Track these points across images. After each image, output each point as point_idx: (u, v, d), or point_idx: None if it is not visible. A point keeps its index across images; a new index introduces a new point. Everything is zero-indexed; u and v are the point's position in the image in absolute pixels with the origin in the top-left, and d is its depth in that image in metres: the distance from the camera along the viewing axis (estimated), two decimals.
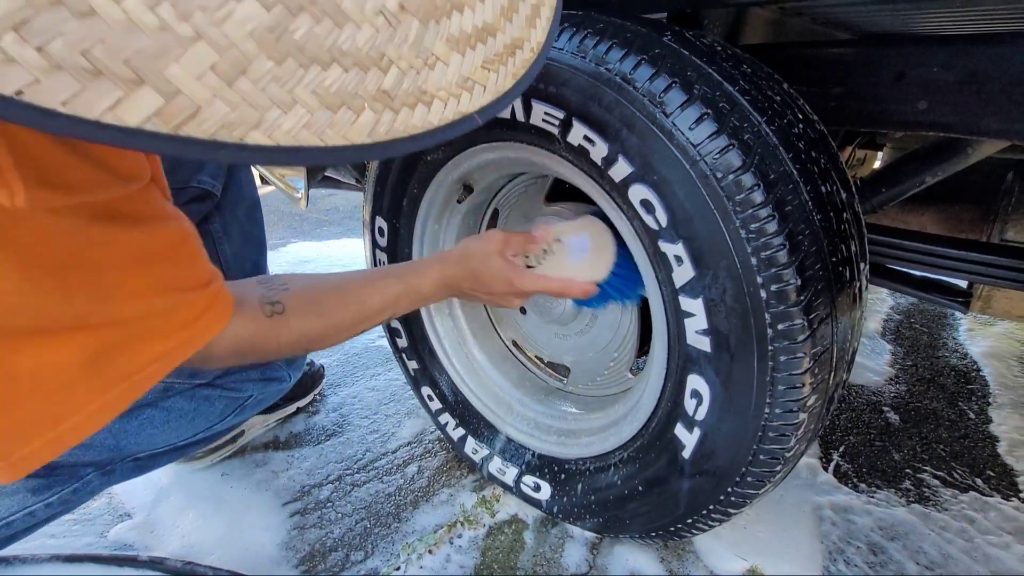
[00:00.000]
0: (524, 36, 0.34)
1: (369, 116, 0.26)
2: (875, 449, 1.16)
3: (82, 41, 0.19)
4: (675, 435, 0.71)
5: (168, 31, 0.20)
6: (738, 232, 0.56)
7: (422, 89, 0.28)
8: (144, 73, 0.20)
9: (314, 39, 0.24)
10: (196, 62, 0.21)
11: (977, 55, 0.75)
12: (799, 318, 0.56)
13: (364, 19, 0.25)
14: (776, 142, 0.57)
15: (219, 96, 0.22)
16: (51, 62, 0.19)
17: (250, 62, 0.22)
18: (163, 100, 0.21)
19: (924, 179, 0.99)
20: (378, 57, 0.26)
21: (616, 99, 0.60)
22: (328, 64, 0.24)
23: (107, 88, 0.20)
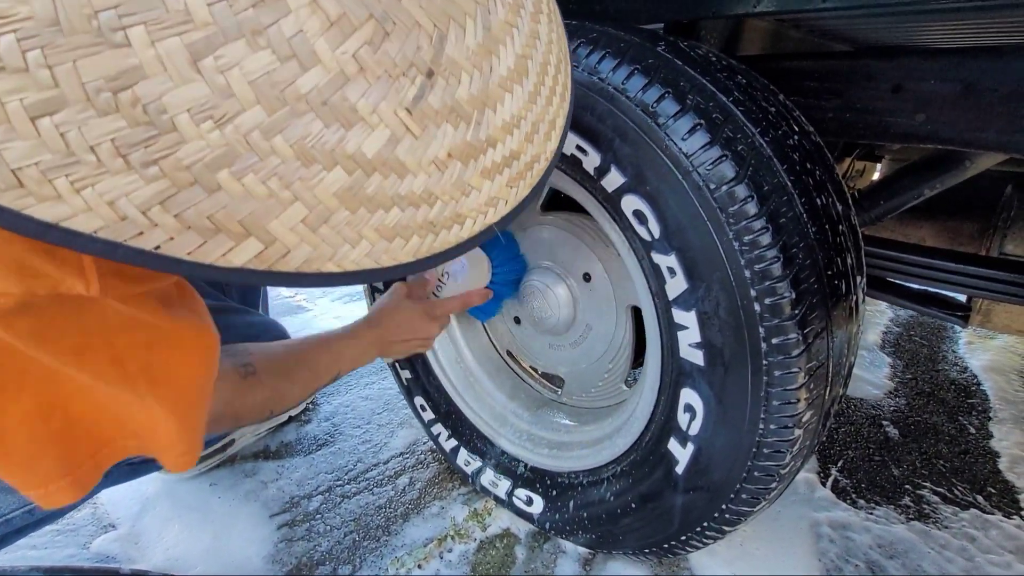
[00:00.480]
0: (541, 151, 0.39)
1: (416, 241, 0.32)
2: (874, 464, 1.14)
3: (209, 209, 0.25)
4: (668, 450, 0.70)
5: (274, 197, 0.26)
6: (731, 244, 0.55)
7: (458, 213, 0.33)
8: (251, 228, 0.26)
9: (381, 191, 0.29)
10: (291, 218, 0.27)
11: (974, 68, 0.74)
12: (793, 332, 0.55)
13: (420, 169, 0.30)
14: (770, 153, 0.56)
15: (305, 240, 0.27)
16: (184, 225, 0.24)
17: (331, 214, 0.28)
18: (263, 246, 0.26)
19: (922, 192, 0.99)
20: (427, 196, 0.31)
21: (609, 109, 0.59)
22: (390, 207, 0.30)
23: (222, 240, 0.25)
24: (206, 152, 0.24)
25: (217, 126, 0.24)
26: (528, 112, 0.36)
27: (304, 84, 0.25)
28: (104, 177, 0.22)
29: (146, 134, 0.23)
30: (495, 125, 0.33)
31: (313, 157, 0.26)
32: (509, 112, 0.34)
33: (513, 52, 0.34)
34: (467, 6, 0.31)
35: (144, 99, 0.22)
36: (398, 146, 0.29)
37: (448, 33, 0.30)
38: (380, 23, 0.27)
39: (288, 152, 0.25)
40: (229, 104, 0.24)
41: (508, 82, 0.34)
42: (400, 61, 0.28)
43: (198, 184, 0.24)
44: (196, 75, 0.23)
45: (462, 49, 0.31)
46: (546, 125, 0.39)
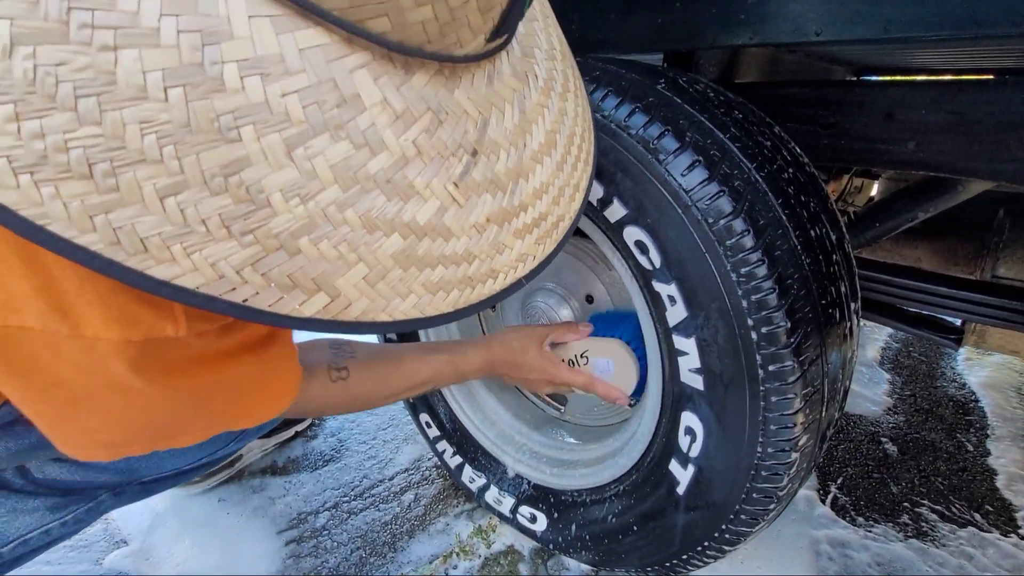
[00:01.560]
0: (567, 211, 0.43)
1: (456, 294, 0.36)
2: (873, 481, 1.16)
3: (289, 269, 0.29)
4: (670, 471, 0.72)
5: (343, 259, 0.30)
6: (729, 275, 0.57)
7: (492, 269, 0.38)
8: (322, 285, 0.30)
9: (429, 252, 0.34)
10: (355, 276, 0.31)
11: (964, 99, 0.77)
12: (789, 360, 0.58)
13: (463, 233, 0.35)
14: (766, 188, 0.59)
15: (364, 295, 0.32)
16: (268, 282, 0.29)
17: (388, 272, 0.32)
18: (329, 299, 0.31)
19: (917, 214, 1.01)
20: (467, 255, 0.36)
21: (611, 144, 0.62)
22: (435, 266, 0.34)
23: (297, 295, 0.30)
24: (292, 223, 0.28)
25: (302, 202, 0.28)
26: (556, 179, 0.41)
27: (373, 166, 0.30)
28: (210, 244, 0.27)
29: (246, 209, 0.27)
30: (527, 192, 0.38)
31: (376, 225, 0.31)
32: (540, 180, 0.40)
33: (544, 129, 0.40)
34: (506, 94, 0.36)
35: (248, 182, 0.27)
36: (445, 215, 0.33)
37: (490, 118, 0.35)
38: (436, 114, 0.32)
39: (357, 222, 0.30)
40: (313, 184, 0.28)
41: (539, 155, 0.39)
42: (451, 144, 0.33)
43: (283, 249, 0.29)
44: (289, 162, 0.28)
45: (501, 130, 0.36)
46: (571, 189, 0.44)
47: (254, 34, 0.26)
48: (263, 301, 0.29)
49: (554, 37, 0.46)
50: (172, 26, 0.25)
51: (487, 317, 1.11)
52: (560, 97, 0.43)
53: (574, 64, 0.49)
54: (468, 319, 1.09)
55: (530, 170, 0.39)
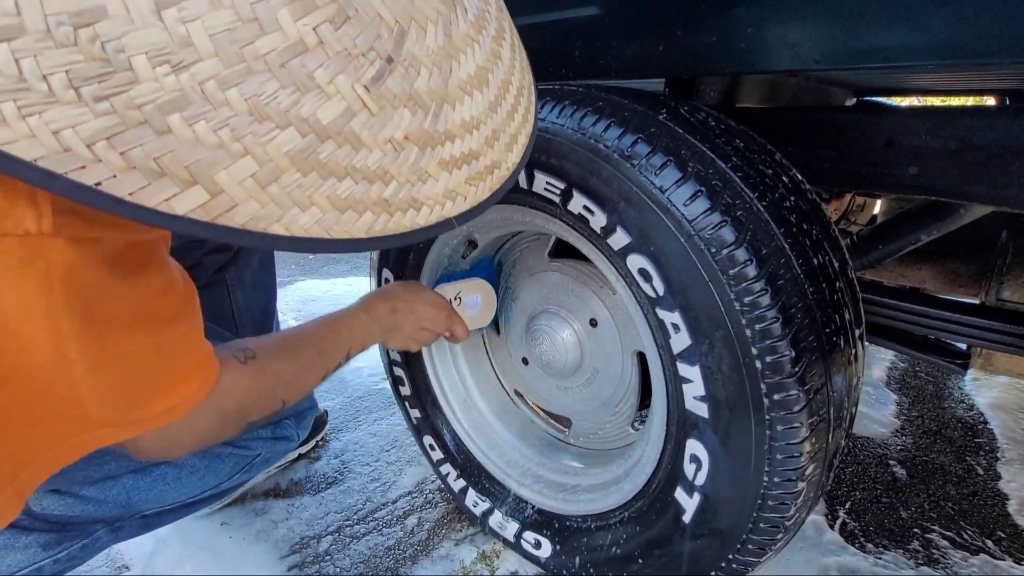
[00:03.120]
0: (502, 159, 0.41)
1: (369, 217, 0.33)
2: (882, 506, 1.14)
3: (156, 151, 0.25)
4: (675, 498, 0.71)
5: (224, 148, 0.26)
6: (733, 305, 0.57)
7: (414, 198, 0.35)
8: (198, 176, 0.26)
9: (334, 159, 0.30)
10: (240, 171, 0.27)
11: (965, 125, 0.78)
12: (794, 388, 0.58)
13: (376, 145, 0.32)
14: (768, 218, 0.59)
15: (253, 197, 0.28)
16: (129, 164, 0.25)
17: (282, 173, 0.28)
18: (208, 196, 0.27)
19: (919, 237, 1.02)
20: (382, 173, 0.32)
21: (614, 174, 0.63)
22: (343, 177, 0.31)
23: (167, 185, 0.26)
24: (159, 94, 0.24)
25: (173, 71, 0.25)
26: (488, 119, 0.39)
27: (263, 46, 0.27)
28: (52, 107, 0.23)
29: (101, 69, 0.23)
30: (454, 121, 0.36)
31: (267, 114, 0.27)
32: (468, 113, 0.37)
33: (474, 62, 0.37)
34: (428, 12, 0.34)
35: (104, 37, 0.23)
36: (354, 119, 0.30)
37: (409, 30, 0.32)
38: (343, 7, 0.29)
39: (242, 106, 0.26)
40: (187, 52, 0.25)
41: (468, 86, 0.37)
42: (360, 43, 0.30)
43: (148, 124, 0.25)
44: (158, 22, 0.24)
45: (422, 47, 0.33)
46: (507, 137, 0.41)
47: None
48: (122, 187, 0.25)
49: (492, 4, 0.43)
50: None
51: (490, 338, 1.11)
52: (494, 40, 0.40)
53: (511, 22, 0.47)
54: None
55: (457, 99, 0.36)
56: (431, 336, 0.81)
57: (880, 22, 0.61)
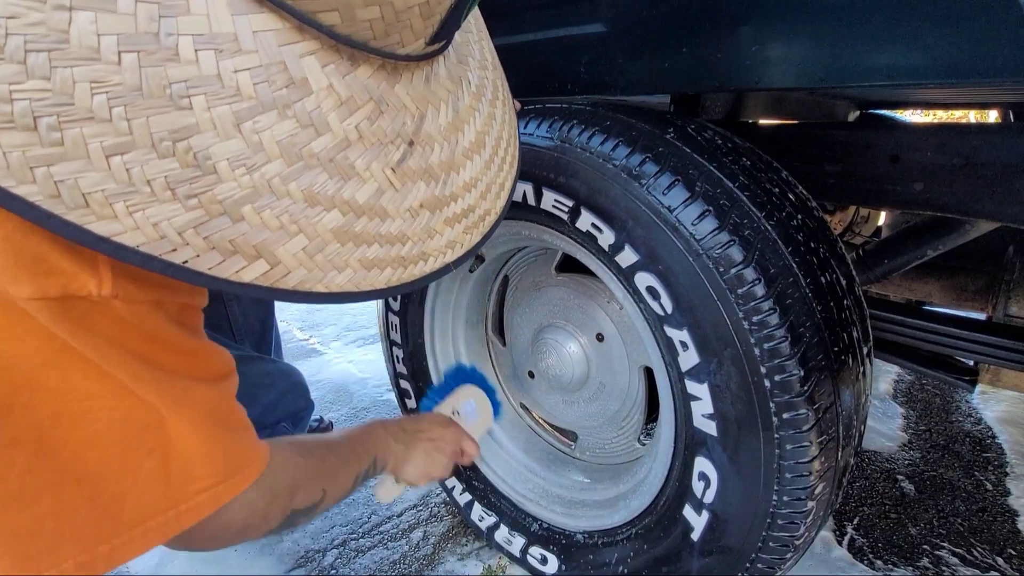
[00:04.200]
0: (492, 207, 0.48)
1: (388, 272, 0.39)
2: (890, 522, 1.13)
3: (232, 235, 0.30)
4: (684, 516, 0.71)
5: (284, 229, 0.32)
6: (741, 323, 0.58)
7: (424, 252, 0.41)
8: (262, 252, 0.32)
9: (366, 230, 0.36)
10: (295, 246, 0.33)
11: (971, 142, 0.78)
12: (804, 408, 0.58)
13: (398, 215, 0.38)
14: (775, 237, 0.60)
15: (303, 265, 0.34)
16: (209, 245, 0.30)
17: (326, 245, 0.34)
18: (269, 267, 0.32)
19: (925, 252, 1.02)
20: (401, 236, 0.39)
21: (623, 193, 0.63)
22: (372, 243, 0.37)
23: (238, 260, 0.31)
24: (236, 191, 0.30)
25: (248, 172, 0.30)
26: (484, 175, 0.45)
27: (317, 145, 0.32)
28: (154, 204, 0.28)
29: (192, 174, 0.28)
30: (458, 184, 0.42)
31: (318, 200, 0.33)
32: (470, 175, 0.43)
33: (475, 129, 0.44)
34: (441, 94, 0.40)
35: (195, 148, 0.28)
36: (383, 196, 0.36)
37: (427, 113, 0.39)
38: (377, 104, 0.35)
39: (299, 195, 0.32)
40: (259, 157, 0.30)
41: (470, 152, 0.43)
42: (390, 132, 0.36)
43: (227, 215, 0.30)
44: (237, 134, 0.29)
45: (436, 126, 0.40)
46: (497, 187, 0.48)
47: (210, 12, 0.28)
48: (203, 264, 0.30)
49: (486, 49, 0.50)
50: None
51: (496, 351, 1.11)
52: (490, 103, 0.47)
53: (503, 75, 0.53)
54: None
55: (461, 164, 0.42)
56: (447, 458, 0.78)
57: (884, 41, 0.62)
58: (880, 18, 0.60)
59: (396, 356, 1.08)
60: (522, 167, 0.73)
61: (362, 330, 2.19)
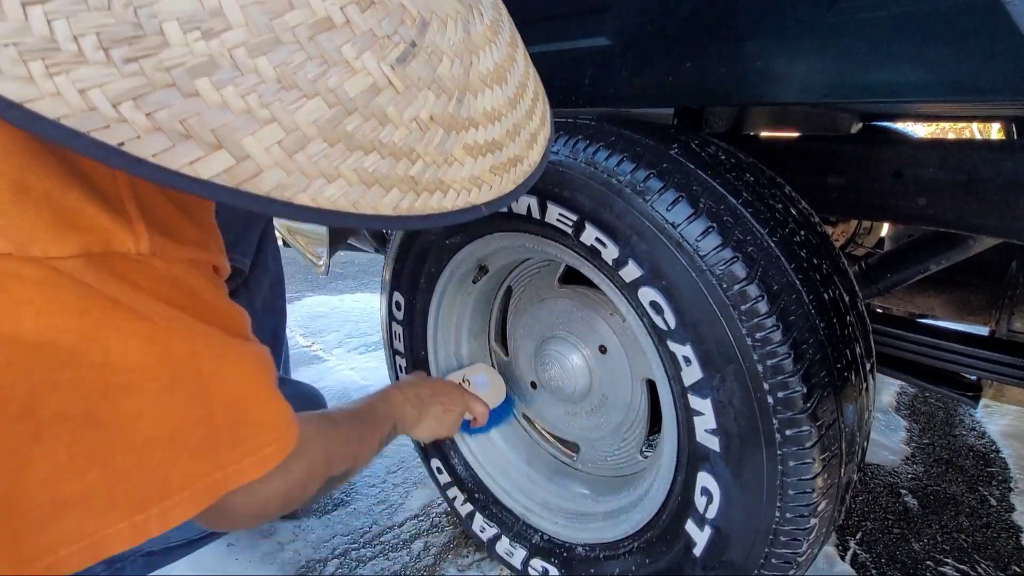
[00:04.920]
0: (524, 154, 0.43)
1: (396, 194, 0.33)
2: (893, 537, 1.13)
3: (182, 113, 0.25)
4: (686, 531, 0.71)
5: (250, 113, 0.26)
6: (744, 340, 0.58)
7: (441, 180, 0.35)
8: (224, 140, 0.26)
9: (361, 132, 0.30)
10: (266, 137, 0.27)
11: (973, 158, 0.78)
12: (807, 425, 0.58)
13: (401, 123, 0.32)
14: (779, 253, 0.60)
15: (279, 164, 0.28)
16: (154, 125, 0.25)
17: (308, 142, 0.28)
18: (234, 161, 0.26)
19: (928, 266, 1.02)
20: (408, 151, 0.33)
21: (626, 208, 0.64)
22: (369, 151, 0.31)
23: (191, 148, 0.25)
24: (188, 58, 0.25)
25: (203, 37, 0.25)
26: (509, 113, 0.40)
27: (292, 19, 0.27)
28: (80, 67, 0.23)
29: (132, 32, 0.24)
30: (476, 109, 0.37)
31: (294, 83, 0.28)
32: (490, 104, 0.38)
33: (492, 59, 0.39)
34: (448, 9, 0.35)
35: (136, 3, 0.24)
36: (380, 95, 0.31)
37: (430, 22, 0.34)
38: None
39: (270, 73, 0.27)
40: (217, 21, 0.25)
41: (488, 80, 0.38)
42: (385, 27, 0.31)
43: (175, 87, 0.25)
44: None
45: (444, 39, 0.34)
46: (527, 134, 0.43)
47: None
48: (146, 148, 0.24)
49: (504, 16, 0.45)
50: None
51: (498, 361, 1.12)
52: (509, 45, 0.42)
53: (523, 44, 0.48)
54: None
55: (478, 89, 0.37)
56: (454, 419, 0.85)
57: (887, 58, 0.62)
58: (883, 36, 0.60)
59: (399, 365, 1.09)
60: None
61: (364, 337, 2.19)
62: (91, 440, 0.36)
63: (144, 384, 0.36)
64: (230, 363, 0.41)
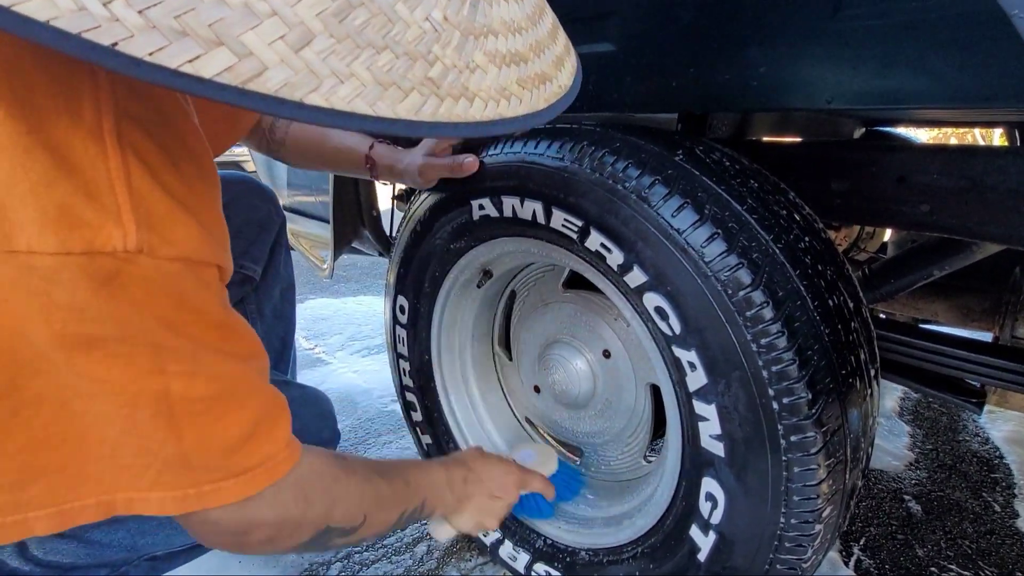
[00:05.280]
0: (552, 73, 0.40)
1: (416, 98, 0.31)
2: (897, 543, 1.12)
3: (176, 9, 0.24)
4: (690, 536, 0.71)
5: (249, 7, 0.25)
6: (750, 346, 0.58)
7: (464, 86, 0.33)
8: (223, 37, 0.25)
9: (371, 27, 0.29)
10: (268, 32, 0.26)
11: (977, 165, 0.78)
12: (812, 431, 0.58)
13: (413, 22, 0.30)
14: (783, 260, 0.60)
15: (285, 61, 0.26)
16: (148, 23, 0.23)
17: (314, 37, 0.27)
18: (236, 59, 0.25)
19: (931, 272, 1.02)
20: (425, 51, 0.31)
21: (632, 214, 0.64)
22: (382, 49, 0.29)
23: (189, 45, 0.24)
24: None
25: None
26: (529, 28, 0.38)
27: None
28: None
29: None
30: (492, 17, 0.34)
31: None
32: (509, 15, 0.36)
33: None
34: None
35: None
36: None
37: None
38: None
39: None
40: None
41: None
42: None
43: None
44: None
45: None
46: (552, 55, 0.40)
47: None
48: (140, 47, 0.23)
49: None
50: None
51: (502, 365, 1.12)
52: None
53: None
54: None
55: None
56: (503, 507, 0.76)
57: (890, 66, 0.63)
58: (886, 43, 0.61)
59: (403, 369, 1.09)
60: (532, 186, 0.75)
61: (367, 340, 2.19)
62: (66, 422, 0.37)
63: (109, 396, 0.37)
64: (201, 384, 0.40)
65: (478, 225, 0.85)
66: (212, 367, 0.41)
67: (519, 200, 0.76)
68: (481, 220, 0.84)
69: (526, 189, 0.75)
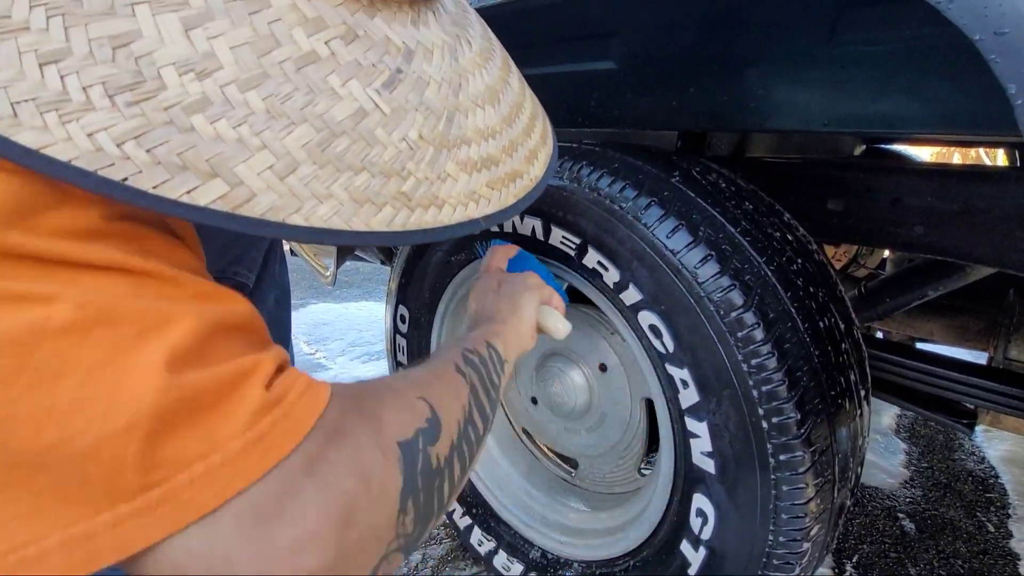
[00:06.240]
0: (523, 169, 0.43)
1: (389, 211, 0.34)
2: (890, 561, 1.13)
3: (179, 147, 0.27)
4: (681, 551, 0.72)
5: (243, 142, 0.29)
6: (740, 366, 0.59)
7: (435, 195, 0.36)
8: (219, 169, 0.28)
9: (351, 152, 0.32)
10: (258, 163, 0.29)
11: (970, 189, 0.80)
12: (800, 450, 0.59)
13: (390, 143, 0.33)
14: (775, 282, 0.62)
15: (271, 188, 0.29)
16: (154, 160, 0.27)
17: (299, 165, 0.30)
18: (228, 188, 0.28)
19: (926, 292, 1.03)
20: (400, 169, 0.34)
21: (628, 234, 0.66)
22: (359, 171, 0.32)
23: (189, 178, 0.27)
24: (184, 98, 0.27)
25: (197, 78, 0.28)
26: (503, 130, 0.41)
27: (279, 55, 0.30)
28: (89, 113, 0.26)
29: (134, 80, 0.26)
30: (467, 128, 0.38)
31: (282, 112, 0.30)
32: (482, 122, 0.39)
33: (483, 83, 0.40)
34: (435, 39, 0.37)
35: (137, 53, 0.27)
36: (367, 118, 0.32)
37: (416, 52, 0.35)
38: (351, 27, 0.33)
39: (259, 105, 0.29)
40: (210, 62, 0.28)
41: (480, 101, 0.39)
42: (371, 56, 0.33)
43: (173, 124, 0.27)
44: (184, 39, 0.28)
45: (431, 66, 0.36)
46: (526, 151, 0.43)
47: None
48: (147, 181, 0.26)
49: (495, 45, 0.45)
50: None
51: None
52: (501, 70, 0.43)
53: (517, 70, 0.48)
54: None
55: (469, 110, 0.38)
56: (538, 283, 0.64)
57: (884, 91, 0.64)
58: (880, 69, 0.62)
59: None
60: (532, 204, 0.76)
61: (368, 346, 2.21)
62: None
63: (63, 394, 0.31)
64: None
65: (479, 239, 0.87)
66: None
67: (519, 216, 0.78)
68: (482, 234, 0.85)
69: None
